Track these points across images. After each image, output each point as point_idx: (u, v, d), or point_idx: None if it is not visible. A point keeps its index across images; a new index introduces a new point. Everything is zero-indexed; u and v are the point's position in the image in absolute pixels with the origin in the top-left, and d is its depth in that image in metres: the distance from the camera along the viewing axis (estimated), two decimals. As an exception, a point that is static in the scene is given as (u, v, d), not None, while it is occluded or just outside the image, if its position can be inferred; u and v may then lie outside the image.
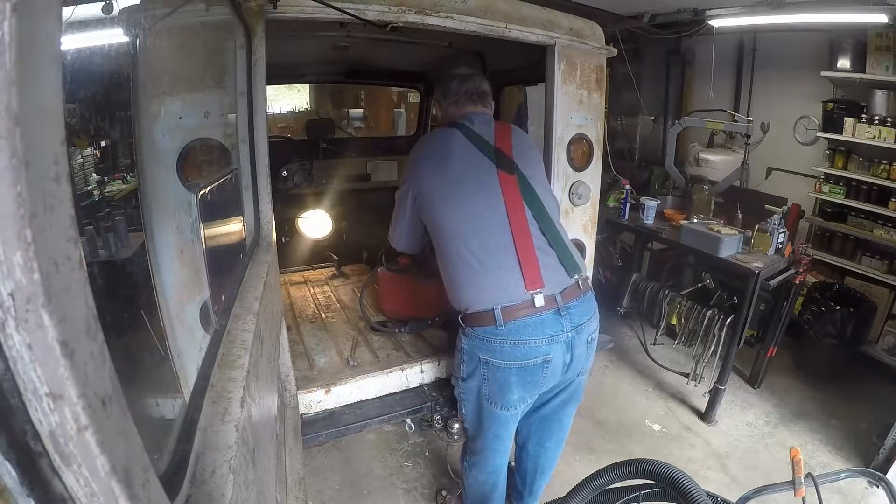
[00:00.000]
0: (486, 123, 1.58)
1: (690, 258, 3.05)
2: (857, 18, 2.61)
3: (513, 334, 1.30)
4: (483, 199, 1.41)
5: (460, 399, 1.51)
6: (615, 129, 4.24)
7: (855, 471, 1.10)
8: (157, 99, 0.99)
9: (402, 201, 1.55)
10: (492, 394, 1.38)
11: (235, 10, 1.22)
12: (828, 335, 2.89)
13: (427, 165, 1.50)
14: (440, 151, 1.51)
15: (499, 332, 1.30)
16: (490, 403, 1.40)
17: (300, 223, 2.95)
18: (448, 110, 1.65)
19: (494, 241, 1.35)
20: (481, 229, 1.37)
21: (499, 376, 1.34)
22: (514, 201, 1.40)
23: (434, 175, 1.47)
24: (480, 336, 1.33)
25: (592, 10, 2.89)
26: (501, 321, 1.29)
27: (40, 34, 0.25)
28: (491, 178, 1.44)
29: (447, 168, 1.46)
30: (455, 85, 1.62)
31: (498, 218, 1.37)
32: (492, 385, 1.37)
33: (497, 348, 1.32)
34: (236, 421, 0.65)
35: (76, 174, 0.96)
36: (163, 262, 0.98)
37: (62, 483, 0.28)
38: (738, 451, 2.41)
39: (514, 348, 1.31)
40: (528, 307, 1.31)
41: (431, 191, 1.46)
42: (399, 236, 1.65)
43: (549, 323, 1.32)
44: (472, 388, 1.42)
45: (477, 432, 1.53)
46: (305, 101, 7.24)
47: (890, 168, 2.94)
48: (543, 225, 1.40)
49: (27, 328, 0.24)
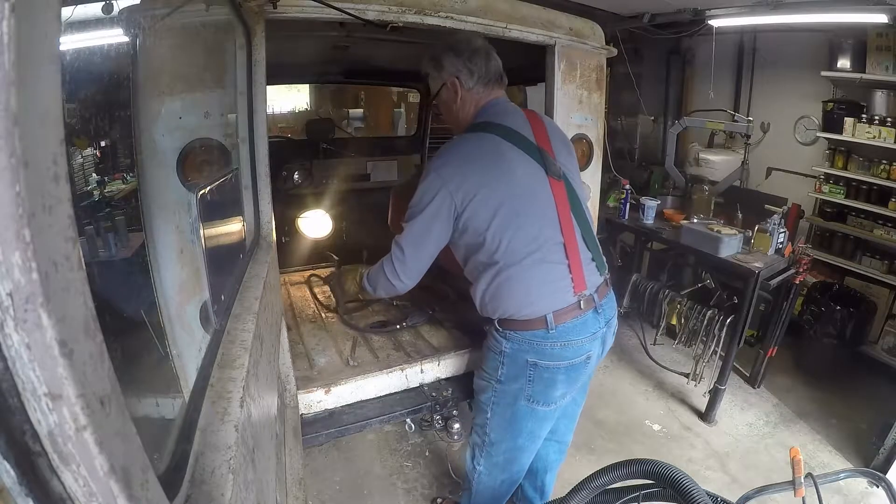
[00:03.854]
0: (518, 116, 1.41)
1: (690, 258, 3.06)
2: (857, 18, 2.61)
3: (562, 336, 1.32)
4: (540, 212, 1.32)
5: (490, 402, 1.45)
6: (615, 129, 4.24)
7: (855, 471, 1.10)
8: (157, 99, 0.99)
9: (431, 225, 1.31)
10: (535, 393, 1.38)
11: (235, 10, 1.22)
12: (828, 335, 2.89)
13: (480, 181, 1.27)
14: (493, 162, 1.31)
15: (549, 335, 1.32)
16: (531, 402, 1.40)
17: (300, 223, 2.95)
18: (475, 93, 1.40)
19: (551, 256, 1.32)
20: (539, 246, 1.30)
21: (546, 377, 1.36)
22: (564, 210, 1.35)
23: (490, 191, 1.28)
24: (529, 340, 1.33)
25: (592, 10, 2.90)
26: (553, 325, 1.31)
27: (39, 34, 0.25)
28: (545, 189, 1.34)
29: (503, 182, 1.29)
30: (481, 62, 1.38)
31: (553, 231, 1.33)
32: (536, 385, 1.37)
33: (547, 350, 1.33)
34: (236, 421, 0.65)
35: (76, 174, 0.96)
36: (163, 262, 0.98)
37: (61, 483, 0.28)
38: (738, 451, 2.41)
39: (564, 349, 1.34)
40: (575, 309, 1.33)
41: (486, 209, 1.28)
42: (416, 271, 1.40)
43: (590, 322, 1.36)
44: (510, 391, 1.40)
45: (505, 434, 1.49)
46: (305, 101, 7.23)
47: (890, 168, 2.94)
48: (583, 229, 1.40)
49: (26, 328, 0.24)
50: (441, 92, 1.42)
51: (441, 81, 1.40)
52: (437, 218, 1.31)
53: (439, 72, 1.40)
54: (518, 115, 1.41)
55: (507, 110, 1.41)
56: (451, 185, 1.27)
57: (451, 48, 1.38)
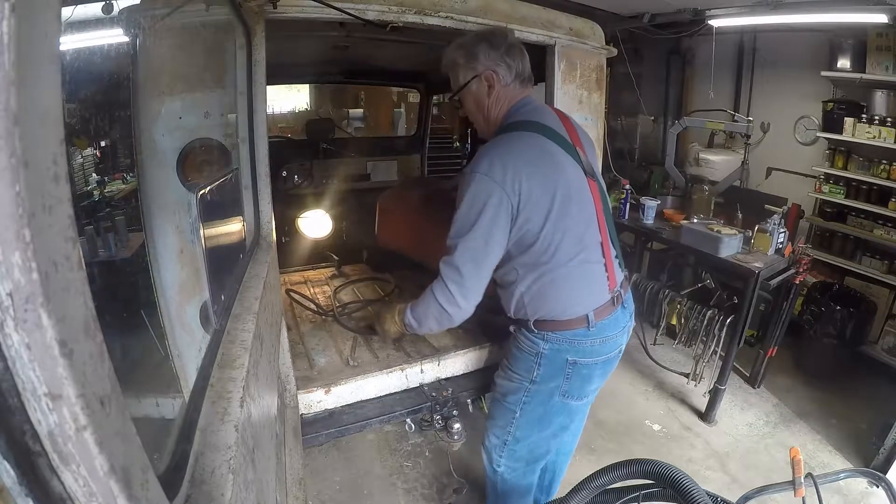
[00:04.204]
0: (551, 114, 1.36)
1: (690, 258, 3.06)
2: (857, 18, 2.61)
3: (601, 333, 1.35)
4: (584, 213, 1.31)
5: (520, 402, 1.42)
6: (615, 129, 4.24)
7: (855, 471, 1.10)
8: (157, 99, 0.99)
9: (491, 234, 1.21)
10: (571, 389, 1.39)
11: (235, 10, 1.22)
12: (828, 335, 2.89)
13: (536, 181, 1.21)
14: (545, 162, 1.25)
15: (590, 333, 1.33)
16: (565, 397, 1.40)
17: (300, 223, 2.95)
18: (511, 89, 1.32)
19: (592, 255, 1.33)
20: (584, 247, 1.30)
21: (584, 373, 1.37)
22: (599, 209, 1.36)
23: (543, 192, 1.22)
24: (570, 339, 1.33)
25: (592, 10, 2.90)
26: (593, 323, 1.32)
27: (39, 34, 0.25)
28: (587, 189, 1.33)
29: (556, 183, 1.24)
30: (518, 58, 1.32)
31: (594, 231, 1.33)
32: (574, 382, 1.38)
33: (587, 348, 1.35)
34: (236, 421, 0.65)
35: (76, 174, 0.96)
36: (163, 262, 0.98)
37: (61, 483, 0.28)
38: (738, 451, 2.41)
39: (602, 345, 1.36)
40: (610, 306, 1.36)
41: (540, 211, 1.22)
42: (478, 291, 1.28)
43: (620, 316, 1.40)
44: (544, 390, 1.40)
45: (533, 429, 1.47)
46: (305, 101, 7.24)
47: (890, 168, 2.95)
48: (610, 226, 1.41)
49: (26, 328, 0.24)
50: (471, 84, 1.32)
51: (473, 73, 1.31)
52: (496, 224, 1.21)
53: (472, 62, 1.31)
54: (551, 114, 1.37)
55: (540, 109, 1.36)
56: (506, 187, 1.19)
57: (486, 40, 1.30)
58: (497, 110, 1.35)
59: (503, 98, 1.33)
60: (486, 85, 1.32)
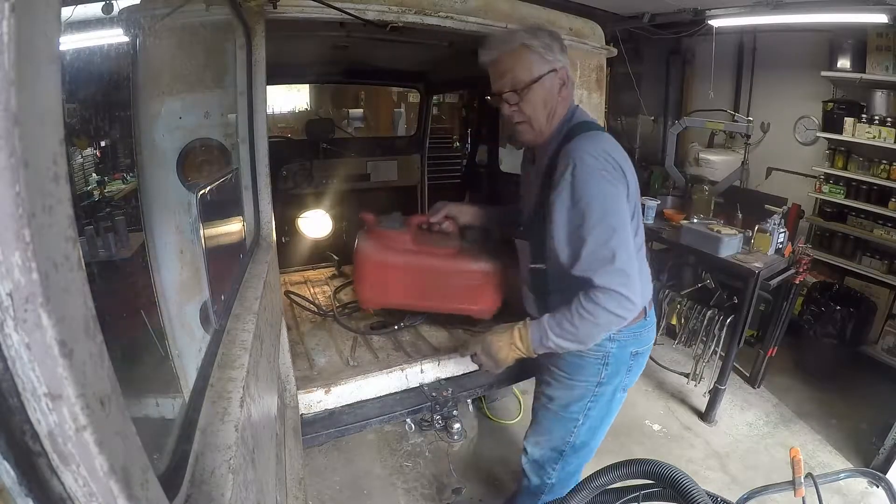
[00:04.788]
0: None
1: (690, 258, 3.05)
2: (857, 18, 2.61)
3: (651, 320, 1.42)
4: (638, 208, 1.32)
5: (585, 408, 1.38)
6: (615, 129, 4.24)
7: (855, 471, 1.10)
8: (157, 99, 0.99)
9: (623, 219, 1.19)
10: (629, 381, 1.43)
11: (235, 10, 1.22)
12: (828, 335, 2.89)
13: (631, 179, 1.23)
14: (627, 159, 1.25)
15: (647, 322, 1.39)
16: (623, 392, 1.43)
17: (300, 223, 2.95)
18: (570, 92, 1.31)
19: (643, 247, 1.36)
20: (642, 239, 1.34)
21: (641, 361, 1.42)
22: None
23: (635, 190, 1.25)
24: (635, 332, 1.36)
25: (592, 10, 2.90)
26: (648, 312, 1.39)
27: (39, 34, 0.25)
28: None
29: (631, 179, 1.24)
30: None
31: (641, 223, 1.35)
32: (633, 373, 1.42)
33: (646, 337, 1.41)
34: (236, 421, 0.65)
35: (76, 174, 0.96)
36: (163, 262, 0.98)
37: (61, 483, 0.28)
38: (738, 451, 2.41)
39: (651, 332, 1.43)
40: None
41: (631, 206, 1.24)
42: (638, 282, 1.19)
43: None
44: (608, 390, 1.39)
45: (596, 433, 1.45)
46: (305, 101, 7.24)
47: (890, 168, 2.95)
48: None
49: (26, 328, 0.24)
50: (545, 79, 1.22)
51: (550, 67, 1.22)
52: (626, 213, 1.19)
53: (551, 56, 1.22)
54: None
55: (586, 113, 1.37)
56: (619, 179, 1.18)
57: (554, 37, 1.24)
58: (562, 109, 1.29)
59: (568, 98, 1.30)
60: (560, 82, 1.25)
